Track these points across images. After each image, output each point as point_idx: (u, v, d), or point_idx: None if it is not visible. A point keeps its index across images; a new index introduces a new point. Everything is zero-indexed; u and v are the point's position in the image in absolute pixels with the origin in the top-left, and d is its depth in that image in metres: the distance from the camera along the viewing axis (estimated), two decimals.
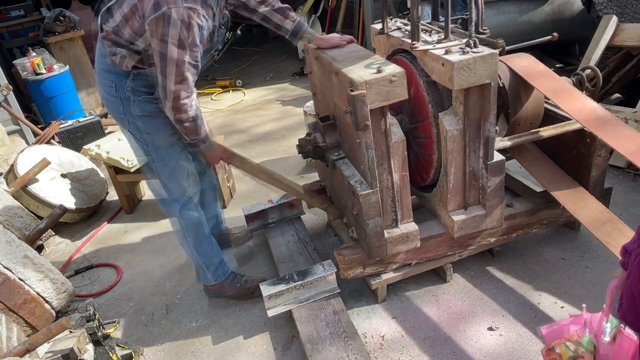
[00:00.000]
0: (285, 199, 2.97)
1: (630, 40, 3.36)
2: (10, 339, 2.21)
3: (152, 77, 2.05)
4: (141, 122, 2.16)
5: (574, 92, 2.33)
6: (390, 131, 1.99)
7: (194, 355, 2.33)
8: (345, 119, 2.07)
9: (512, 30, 4.34)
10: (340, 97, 2.08)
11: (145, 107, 2.13)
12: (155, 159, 2.26)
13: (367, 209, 2.05)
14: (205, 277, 2.55)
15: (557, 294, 2.31)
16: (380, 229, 2.11)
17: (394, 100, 1.89)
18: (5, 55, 5.84)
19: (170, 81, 1.91)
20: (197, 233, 2.43)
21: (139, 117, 2.15)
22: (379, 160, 2.02)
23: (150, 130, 2.18)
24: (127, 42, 2.00)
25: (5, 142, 4.24)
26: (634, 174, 3.11)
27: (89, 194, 3.60)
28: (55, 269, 2.57)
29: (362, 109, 1.83)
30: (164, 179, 2.31)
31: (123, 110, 2.16)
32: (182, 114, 2.00)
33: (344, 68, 1.98)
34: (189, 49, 1.87)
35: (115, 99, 2.14)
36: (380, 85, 1.84)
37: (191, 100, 2.01)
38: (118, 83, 2.10)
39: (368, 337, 2.25)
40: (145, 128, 2.18)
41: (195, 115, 2.04)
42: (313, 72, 2.57)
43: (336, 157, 2.31)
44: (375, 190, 2.02)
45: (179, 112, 1.99)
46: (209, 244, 2.49)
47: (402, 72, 1.87)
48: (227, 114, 5.35)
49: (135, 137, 2.24)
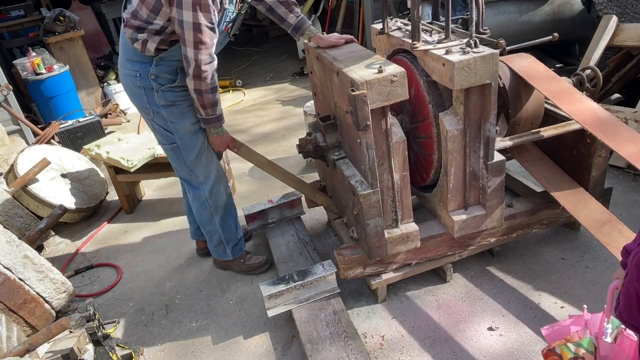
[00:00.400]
0: (285, 199, 2.98)
1: (630, 40, 3.36)
2: (10, 339, 2.21)
3: (174, 62, 2.16)
4: (165, 111, 2.25)
5: (574, 92, 2.33)
6: (390, 131, 1.99)
7: (194, 355, 2.33)
8: (346, 118, 2.07)
9: (512, 30, 4.34)
10: (341, 96, 2.08)
11: (169, 96, 2.22)
12: (181, 146, 2.36)
13: (368, 209, 2.05)
14: (225, 252, 2.72)
15: (557, 294, 2.31)
16: (381, 229, 2.11)
17: (395, 100, 1.89)
18: (5, 55, 5.84)
19: (190, 47, 2.01)
20: (224, 212, 2.60)
21: (163, 106, 2.24)
22: (379, 160, 2.02)
23: (175, 119, 2.28)
24: (146, 22, 2.09)
25: (5, 142, 4.24)
26: (634, 174, 3.11)
27: (89, 194, 3.60)
28: (55, 269, 2.57)
29: (362, 109, 1.83)
30: (190, 164, 2.41)
31: (147, 100, 2.24)
32: (202, 82, 2.09)
33: (345, 68, 1.98)
34: (203, 10, 1.96)
35: (139, 89, 2.22)
36: (381, 85, 1.84)
37: (212, 68, 2.11)
38: (142, 71, 2.17)
39: (368, 337, 2.25)
40: (170, 117, 2.27)
41: (215, 87, 2.15)
42: (314, 72, 2.57)
43: (337, 157, 2.32)
44: (376, 190, 2.02)
45: (199, 79, 2.08)
46: (233, 222, 2.67)
47: (403, 72, 1.87)
48: (227, 114, 5.28)
49: (161, 127, 2.33)
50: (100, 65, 6.11)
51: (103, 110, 5.11)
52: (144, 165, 3.33)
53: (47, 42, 5.35)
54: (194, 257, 3.02)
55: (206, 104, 2.18)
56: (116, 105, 5.41)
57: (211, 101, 2.18)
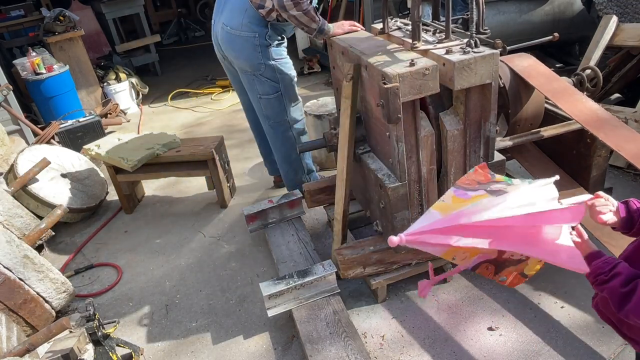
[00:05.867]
0: (285, 199, 2.98)
1: (630, 40, 3.35)
2: (10, 339, 2.21)
3: (283, 27, 2.78)
4: (276, 63, 2.82)
5: (575, 93, 2.33)
6: (419, 124, 2.00)
7: (194, 355, 2.33)
8: (373, 112, 2.08)
9: (512, 30, 4.34)
10: (370, 90, 2.09)
11: (280, 51, 2.84)
12: (283, 93, 2.91)
13: (395, 202, 2.06)
14: (300, 179, 3.20)
15: (557, 294, 2.31)
16: (407, 222, 2.12)
17: (426, 93, 1.90)
18: (5, 55, 5.84)
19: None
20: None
21: (274, 60, 2.81)
22: (408, 153, 2.03)
23: (282, 71, 2.85)
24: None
25: (5, 142, 4.23)
26: (634, 174, 3.11)
27: (89, 194, 3.60)
28: (55, 269, 2.56)
29: (394, 102, 1.84)
30: (288, 107, 2.97)
31: (261, 56, 2.77)
32: (295, 7, 2.42)
33: (375, 62, 1.98)
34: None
35: (255, 47, 2.75)
36: (413, 78, 1.85)
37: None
38: (260, 32, 2.72)
39: (368, 337, 2.25)
40: (279, 69, 2.83)
41: (308, 8, 2.45)
42: (337, 67, 2.57)
43: (362, 151, 2.34)
44: (404, 183, 2.04)
45: (283, 8, 2.43)
46: (309, 157, 3.27)
47: (435, 65, 1.88)
48: (227, 113, 5.35)
49: (268, 79, 2.84)
50: (100, 65, 6.10)
51: (103, 110, 5.10)
52: (144, 165, 3.33)
53: (47, 42, 5.34)
54: (194, 257, 3.03)
55: (310, 21, 2.49)
56: (116, 105, 5.41)
57: (312, 16, 2.48)
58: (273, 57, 2.79)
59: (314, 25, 2.51)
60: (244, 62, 2.83)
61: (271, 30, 2.74)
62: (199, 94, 6.07)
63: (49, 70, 4.89)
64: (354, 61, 2.21)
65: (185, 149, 3.39)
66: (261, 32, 2.71)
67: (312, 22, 2.50)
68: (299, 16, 2.45)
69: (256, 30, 2.71)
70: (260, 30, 2.71)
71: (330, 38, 2.55)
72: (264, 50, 2.76)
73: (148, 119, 5.57)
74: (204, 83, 6.40)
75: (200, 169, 3.37)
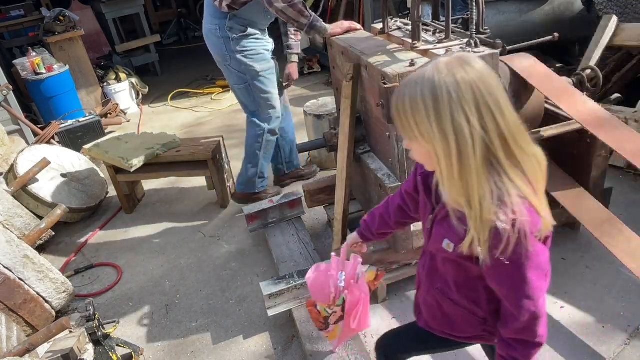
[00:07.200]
0: (285, 199, 2.98)
1: (630, 40, 3.35)
2: (10, 339, 2.21)
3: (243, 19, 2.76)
4: (240, 55, 2.83)
5: (575, 93, 2.33)
6: None
7: (194, 355, 2.33)
8: (373, 112, 2.08)
9: (512, 30, 4.34)
10: (370, 90, 2.09)
11: (243, 43, 2.82)
12: (252, 86, 2.93)
13: None
14: (254, 186, 3.24)
15: (557, 294, 2.31)
16: None
17: None
18: (5, 55, 5.84)
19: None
20: (269, 152, 3.20)
21: (238, 51, 2.82)
22: (407, 153, 2.03)
23: (246, 64, 2.86)
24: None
25: (5, 142, 4.24)
26: (634, 174, 3.11)
27: (89, 194, 3.60)
28: (55, 269, 2.57)
29: None
30: (258, 101, 3.00)
31: (225, 48, 2.82)
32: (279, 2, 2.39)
33: (375, 62, 1.98)
34: None
35: (219, 39, 2.82)
36: None
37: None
38: (220, 24, 2.78)
39: (368, 337, 2.25)
40: (243, 62, 2.85)
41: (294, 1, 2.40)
42: (337, 67, 2.57)
43: (362, 151, 2.35)
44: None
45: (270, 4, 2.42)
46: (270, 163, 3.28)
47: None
48: (227, 114, 5.35)
49: (236, 70, 2.89)
50: (100, 65, 6.10)
51: (103, 110, 5.10)
52: (144, 165, 3.33)
53: (47, 42, 5.35)
54: (194, 257, 3.03)
55: (299, 15, 2.43)
56: (116, 105, 5.41)
57: (298, 10, 2.41)
58: (237, 49, 2.82)
59: (303, 20, 2.43)
60: (214, 54, 2.94)
61: (231, 21, 2.76)
62: (199, 94, 6.08)
63: (49, 70, 4.89)
64: (353, 61, 2.21)
65: (185, 149, 3.39)
66: (221, 24, 2.77)
67: (301, 17, 2.42)
68: (284, 9, 2.41)
69: (217, 23, 2.79)
70: (220, 22, 2.77)
71: (329, 38, 2.52)
72: (227, 42, 2.81)
73: (148, 119, 5.57)
74: (203, 83, 6.40)
75: (200, 169, 3.37)
